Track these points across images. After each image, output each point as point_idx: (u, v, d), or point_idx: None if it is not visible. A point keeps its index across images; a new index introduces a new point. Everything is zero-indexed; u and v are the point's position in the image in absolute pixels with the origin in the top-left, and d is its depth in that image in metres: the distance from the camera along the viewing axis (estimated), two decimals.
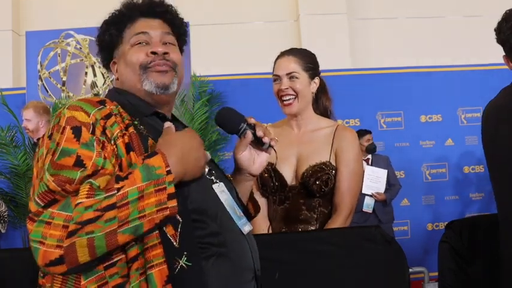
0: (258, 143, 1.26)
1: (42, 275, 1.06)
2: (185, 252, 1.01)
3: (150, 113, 1.20)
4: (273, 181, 1.92)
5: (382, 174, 4.82)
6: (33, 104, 4.04)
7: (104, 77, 5.25)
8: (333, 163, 1.90)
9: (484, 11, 6.13)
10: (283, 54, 1.98)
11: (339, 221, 1.85)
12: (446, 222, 1.97)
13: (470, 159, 5.65)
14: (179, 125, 1.24)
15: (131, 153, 1.05)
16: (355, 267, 1.60)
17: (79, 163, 1.00)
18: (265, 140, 1.25)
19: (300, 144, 1.94)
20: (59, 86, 5.27)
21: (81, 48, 5.29)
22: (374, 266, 1.61)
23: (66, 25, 5.37)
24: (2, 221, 4.56)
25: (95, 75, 5.28)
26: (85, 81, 5.28)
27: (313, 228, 1.90)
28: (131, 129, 1.09)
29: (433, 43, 6.13)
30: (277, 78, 1.94)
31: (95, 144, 1.03)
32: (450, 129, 5.66)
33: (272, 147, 1.27)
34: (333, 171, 1.89)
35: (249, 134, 1.24)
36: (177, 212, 1.00)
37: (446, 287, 1.88)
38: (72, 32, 5.27)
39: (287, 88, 1.90)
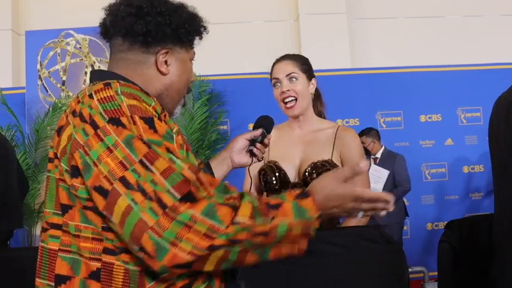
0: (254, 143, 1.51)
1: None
2: None
3: None
4: (276, 178, 1.96)
5: (383, 174, 4.63)
6: None
7: None
8: (336, 162, 1.94)
9: (484, 11, 6.13)
10: (279, 59, 2.05)
11: (355, 218, 1.87)
12: (446, 222, 1.98)
13: (470, 159, 5.65)
14: None
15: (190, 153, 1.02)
16: (355, 267, 1.61)
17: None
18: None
19: (303, 144, 2.00)
20: (58, 85, 5.27)
21: (80, 47, 5.28)
22: (374, 266, 1.61)
23: (65, 25, 5.37)
24: None
25: None
26: (85, 80, 5.28)
27: None
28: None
29: (432, 43, 6.13)
30: (276, 81, 2.00)
31: (174, 136, 0.96)
32: (450, 128, 5.66)
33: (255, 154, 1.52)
34: (335, 169, 1.92)
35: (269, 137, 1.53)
36: None
37: (446, 286, 1.88)
38: (72, 32, 5.27)
39: (288, 90, 1.96)
